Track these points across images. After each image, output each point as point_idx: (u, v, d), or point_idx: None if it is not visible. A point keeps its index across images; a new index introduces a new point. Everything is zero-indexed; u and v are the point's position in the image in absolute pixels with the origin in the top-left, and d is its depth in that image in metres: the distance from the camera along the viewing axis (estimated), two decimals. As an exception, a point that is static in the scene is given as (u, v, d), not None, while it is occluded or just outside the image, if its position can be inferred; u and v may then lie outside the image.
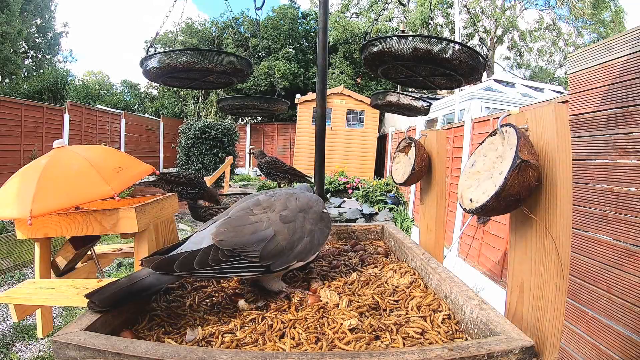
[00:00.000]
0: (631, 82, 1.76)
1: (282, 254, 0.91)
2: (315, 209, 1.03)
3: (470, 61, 1.37)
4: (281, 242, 0.91)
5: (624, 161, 1.79)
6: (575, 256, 2.01)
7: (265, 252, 0.88)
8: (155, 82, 1.77)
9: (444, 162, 1.87)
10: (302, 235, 0.95)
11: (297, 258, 0.94)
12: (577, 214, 2.02)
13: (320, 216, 1.03)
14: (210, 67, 1.60)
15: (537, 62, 18.84)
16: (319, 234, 1.00)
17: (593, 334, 1.88)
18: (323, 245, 1.05)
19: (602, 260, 1.86)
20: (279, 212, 0.95)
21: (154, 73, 1.61)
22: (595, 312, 1.87)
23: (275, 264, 0.90)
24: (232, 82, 1.91)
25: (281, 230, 0.92)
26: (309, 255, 0.97)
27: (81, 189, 1.67)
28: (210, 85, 1.98)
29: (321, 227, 1.01)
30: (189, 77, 1.78)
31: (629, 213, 1.74)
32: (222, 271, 0.84)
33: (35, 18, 17.62)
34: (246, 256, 0.86)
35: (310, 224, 0.98)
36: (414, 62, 1.44)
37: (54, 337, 0.63)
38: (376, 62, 1.53)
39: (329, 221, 1.05)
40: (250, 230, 0.90)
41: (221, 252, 0.84)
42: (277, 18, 16.74)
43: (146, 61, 1.60)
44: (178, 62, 1.54)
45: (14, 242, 4.11)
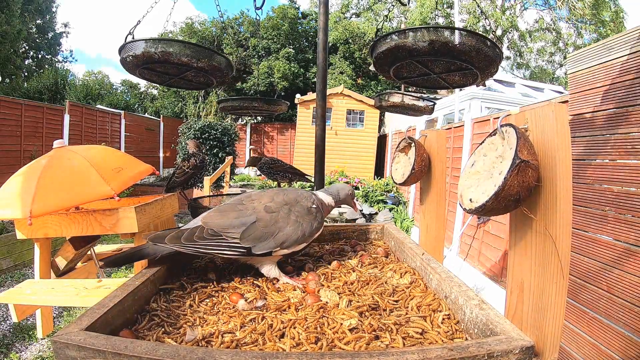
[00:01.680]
0: (631, 82, 1.76)
1: (263, 238, 0.99)
2: (303, 203, 1.09)
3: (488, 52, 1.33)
4: (261, 227, 1.00)
5: (624, 161, 1.79)
6: (575, 256, 2.01)
7: (246, 234, 0.97)
8: (133, 74, 1.72)
9: (444, 162, 1.87)
10: (284, 224, 1.03)
11: (279, 245, 1.01)
12: (577, 214, 2.02)
13: (308, 210, 1.09)
14: (187, 62, 1.56)
15: (537, 62, 18.84)
16: (306, 226, 1.06)
17: (593, 334, 1.88)
18: (311, 238, 1.09)
19: (602, 260, 1.86)
20: (264, 203, 1.05)
21: (130, 62, 1.57)
22: (595, 312, 1.87)
23: (256, 247, 0.98)
24: (211, 82, 1.85)
25: (263, 217, 1.01)
26: (295, 244, 1.04)
27: (81, 189, 1.67)
28: (190, 85, 1.92)
29: (309, 220, 1.07)
30: (166, 71, 1.73)
31: (629, 213, 1.74)
32: (205, 247, 0.96)
33: (36, 18, 17.61)
34: (227, 236, 0.97)
35: (295, 216, 1.05)
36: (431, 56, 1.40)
37: (54, 337, 0.63)
38: (388, 61, 1.49)
39: (319, 216, 1.10)
40: (234, 215, 1.01)
41: (206, 231, 0.98)
42: (277, 18, 16.73)
43: (123, 49, 1.57)
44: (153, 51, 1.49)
45: (14, 242, 4.11)
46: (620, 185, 1.79)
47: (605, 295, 1.82)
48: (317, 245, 1.37)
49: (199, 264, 1.15)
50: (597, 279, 1.88)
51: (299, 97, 11.23)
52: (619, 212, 1.79)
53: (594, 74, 1.99)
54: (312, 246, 1.36)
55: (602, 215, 1.88)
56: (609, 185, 1.86)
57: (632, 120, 1.75)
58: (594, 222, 1.94)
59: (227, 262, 1.14)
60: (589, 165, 2.00)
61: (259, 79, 15.44)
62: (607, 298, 1.81)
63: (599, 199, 1.91)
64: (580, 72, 2.09)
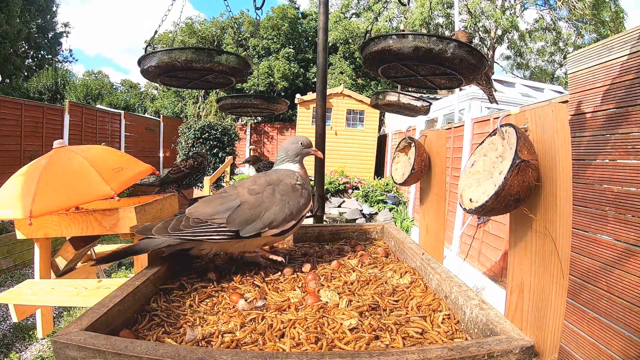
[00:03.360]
0: (631, 82, 1.76)
1: (250, 220, 1.00)
2: (286, 181, 1.10)
3: (471, 60, 1.36)
4: (247, 210, 1.00)
5: (624, 161, 1.79)
6: (575, 256, 2.01)
7: (232, 218, 0.98)
8: (154, 82, 1.75)
9: (444, 162, 1.88)
10: (270, 204, 1.03)
11: (268, 225, 1.02)
12: (577, 214, 2.02)
13: (293, 187, 1.09)
14: (209, 67, 1.60)
15: (536, 62, 18.84)
16: (293, 203, 1.07)
17: (593, 334, 1.88)
18: (300, 215, 1.09)
19: (602, 260, 1.86)
20: (247, 187, 1.05)
21: (153, 72, 1.60)
22: (595, 312, 1.87)
23: (244, 229, 0.99)
24: (230, 82, 1.90)
25: (247, 200, 1.02)
26: (284, 223, 1.05)
27: (81, 189, 1.67)
28: (209, 85, 1.97)
29: (295, 197, 1.08)
30: (187, 76, 1.77)
31: (629, 213, 1.74)
32: (192, 234, 0.97)
33: (37, 18, 17.61)
34: (213, 222, 0.98)
35: (280, 195, 1.06)
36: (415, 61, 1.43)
37: (54, 337, 0.63)
38: (376, 61, 1.53)
39: (305, 193, 1.11)
40: (219, 202, 1.02)
41: (192, 219, 0.99)
42: (277, 18, 16.72)
43: (144, 60, 1.59)
44: (177, 60, 1.53)
45: (14, 242, 4.11)
46: (620, 185, 1.79)
47: (605, 295, 1.82)
48: (317, 245, 1.37)
49: (199, 264, 1.15)
50: (597, 279, 1.88)
51: (299, 97, 11.22)
52: (619, 212, 1.79)
53: (594, 74, 1.99)
54: (312, 246, 1.36)
55: (602, 215, 1.88)
56: (609, 185, 1.86)
57: (632, 120, 1.75)
58: (594, 222, 1.94)
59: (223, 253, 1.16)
60: (589, 165, 2.00)
61: (259, 79, 15.44)
62: (607, 298, 1.81)
63: (599, 199, 1.91)
64: (580, 72, 2.09)
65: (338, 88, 10.99)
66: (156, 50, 1.59)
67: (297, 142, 1.21)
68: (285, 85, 16.12)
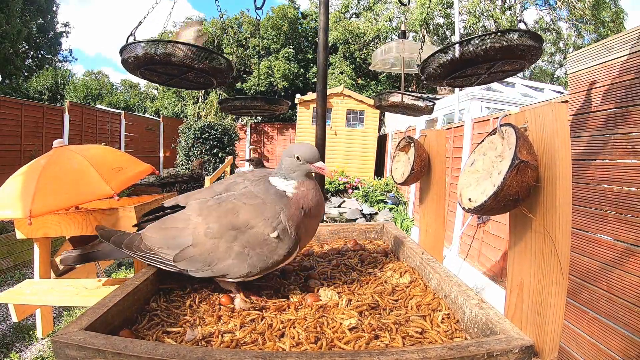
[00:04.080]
0: (631, 82, 1.76)
1: (199, 264, 0.87)
2: (257, 230, 0.86)
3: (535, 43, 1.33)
4: (196, 254, 0.87)
5: (624, 161, 1.79)
6: (575, 256, 2.01)
7: (180, 257, 0.88)
8: (134, 74, 1.72)
9: (444, 161, 1.88)
10: (225, 256, 0.86)
11: (219, 274, 0.88)
12: (577, 214, 2.02)
13: (263, 241, 0.86)
14: (188, 64, 1.56)
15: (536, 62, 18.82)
16: (256, 261, 0.86)
17: (593, 334, 1.88)
18: (268, 271, 0.90)
19: (602, 260, 1.86)
20: (208, 223, 0.88)
21: (132, 63, 1.57)
22: (595, 312, 1.87)
23: (193, 271, 0.88)
24: (211, 83, 1.85)
25: (200, 242, 0.87)
26: (239, 277, 0.88)
27: (81, 188, 1.67)
28: (190, 85, 1.93)
29: (262, 253, 0.86)
30: (167, 72, 1.73)
31: (629, 213, 1.74)
32: (143, 258, 0.91)
33: (37, 18, 17.61)
34: (161, 255, 0.90)
35: (242, 247, 0.86)
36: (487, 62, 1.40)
37: (54, 337, 0.63)
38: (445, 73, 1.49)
39: (281, 247, 0.87)
40: (172, 235, 0.90)
41: (143, 244, 0.91)
42: (277, 18, 16.72)
43: (124, 50, 1.57)
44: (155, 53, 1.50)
45: (14, 242, 4.11)
46: (620, 185, 1.79)
47: (605, 295, 1.82)
48: (317, 245, 1.37)
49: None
50: (597, 279, 1.87)
51: (299, 97, 11.22)
52: (619, 212, 1.79)
53: (594, 74, 1.99)
54: (311, 246, 1.36)
55: (602, 215, 1.88)
56: (609, 185, 1.86)
57: (632, 120, 1.75)
58: (594, 222, 1.94)
59: None
60: (589, 165, 2.00)
61: (259, 79, 15.45)
62: (607, 298, 1.80)
63: (599, 199, 1.91)
64: (580, 72, 2.09)
65: (338, 88, 10.99)
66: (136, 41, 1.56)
67: (292, 156, 0.92)
68: (285, 85, 16.11)
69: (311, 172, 0.93)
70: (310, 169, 0.92)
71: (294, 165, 0.92)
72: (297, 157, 0.91)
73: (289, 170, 0.92)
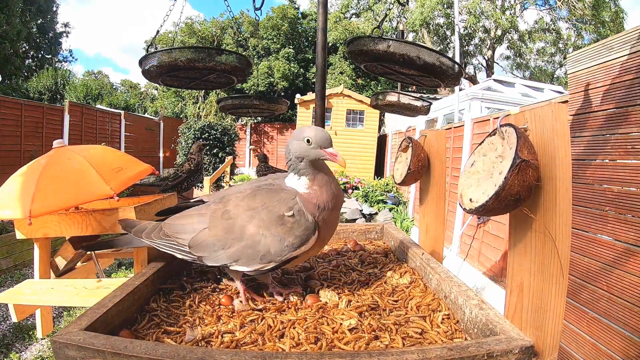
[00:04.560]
0: (631, 82, 1.76)
1: (210, 249, 0.85)
2: (272, 209, 0.83)
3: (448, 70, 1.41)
4: (209, 237, 0.86)
5: (624, 161, 1.79)
6: (575, 256, 2.01)
7: (194, 241, 0.87)
8: (155, 82, 1.75)
9: (444, 162, 1.87)
10: (239, 236, 0.83)
11: (232, 259, 0.84)
12: (577, 214, 2.02)
13: (279, 219, 0.82)
14: (211, 66, 1.60)
15: (536, 62, 18.85)
16: (271, 242, 0.81)
17: (593, 334, 1.88)
18: (283, 258, 0.83)
19: (602, 260, 1.86)
20: (225, 207, 0.87)
21: (154, 72, 1.60)
22: (595, 312, 1.87)
23: (207, 258, 0.86)
24: (232, 81, 1.90)
25: (215, 225, 0.86)
26: (253, 262, 0.83)
27: (81, 188, 1.67)
28: (211, 85, 1.97)
29: (278, 233, 0.81)
30: (188, 76, 1.77)
31: (629, 213, 1.73)
32: (161, 246, 0.92)
33: (37, 18, 17.61)
34: (177, 240, 0.89)
35: (256, 226, 0.82)
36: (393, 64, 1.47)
37: (53, 337, 0.63)
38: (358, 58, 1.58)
39: (297, 229, 0.82)
40: (191, 221, 0.90)
41: (163, 231, 0.92)
42: (276, 18, 16.73)
43: (146, 60, 1.59)
44: (178, 60, 1.53)
45: (14, 242, 4.11)
46: (620, 185, 1.79)
47: (605, 295, 1.82)
48: (317, 245, 1.37)
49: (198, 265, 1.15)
50: (597, 279, 1.87)
51: (299, 97, 11.23)
52: (619, 212, 1.79)
53: (594, 74, 1.99)
54: (311, 246, 1.36)
55: (602, 215, 1.88)
56: (609, 185, 1.86)
57: (632, 120, 1.75)
58: (594, 222, 1.94)
59: None
60: (589, 165, 1.99)
61: (258, 79, 15.45)
62: (607, 298, 1.80)
63: (599, 199, 1.91)
64: (580, 72, 2.09)
65: (338, 88, 10.99)
66: (157, 49, 1.59)
67: (302, 138, 0.84)
68: (285, 85, 16.12)
69: (322, 158, 0.84)
70: (321, 155, 0.84)
71: (302, 150, 0.84)
72: (308, 140, 0.83)
73: (297, 160, 0.85)
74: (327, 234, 0.91)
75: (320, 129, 0.85)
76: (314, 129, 0.84)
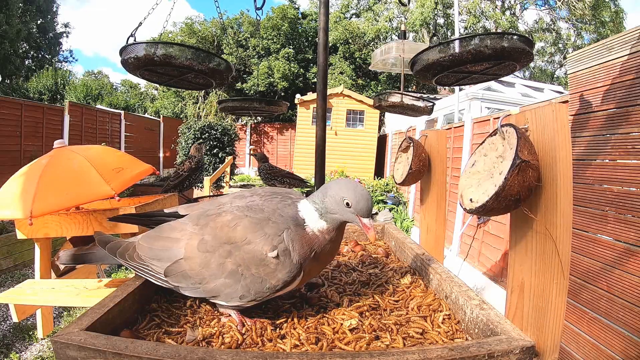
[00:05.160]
0: (631, 82, 1.76)
1: (187, 280, 0.79)
2: (255, 247, 0.75)
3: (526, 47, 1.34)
4: (187, 269, 0.79)
5: (624, 161, 1.79)
6: (575, 256, 2.01)
7: (170, 271, 0.80)
8: (134, 74, 1.73)
9: (444, 162, 1.87)
10: (215, 273, 0.77)
11: (209, 295, 0.79)
12: (577, 214, 2.02)
13: (261, 260, 0.74)
14: (188, 65, 1.57)
15: (536, 62, 18.85)
16: (251, 283, 0.75)
17: (593, 334, 1.88)
18: (264, 297, 0.77)
19: (602, 260, 1.86)
20: (203, 235, 0.79)
21: (132, 64, 1.58)
22: (595, 312, 1.87)
23: (184, 289, 0.80)
24: (210, 83, 1.86)
25: (192, 256, 0.79)
26: (232, 300, 0.77)
27: (81, 189, 1.67)
28: (189, 85, 1.93)
29: (258, 275, 0.75)
30: (166, 72, 1.74)
31: (629, 213, 1.74)
32: (136, 269, 0.84)
33: (37, 18, 17.62)
34: (152, 267, 0.83)
35: (235, 265, 0.76)
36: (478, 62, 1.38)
37: (54, 337, 0.63)
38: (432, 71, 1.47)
39: (281, 271, 0.74)
40: (165, 245, 0.82)
41: (136, 253, 0.85)
42: (277, 18, 16.73)
43: (124, 51, 1.57)
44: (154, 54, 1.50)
45: (14, 242, 4.11)
46: (620, 185, 1.79)
47: (605, 295, 1.82)
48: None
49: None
50: (597, 279, 1.87)
51: (299, 97, 11.23)
52: (619, 212, 1.79)
53: (594, 74, 1.99)
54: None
55: (602, 215, 1.88)
56: (609, 185, 1.86)
57: (632, 120, 1.75)
58: (594, 222, 1.94)
59: None
60: (589, 165, 2.00)
61: (258, 79, 15.46)
62: (607, 298, 1.80)
63: (599, 199, 1.91)
64: (580, 72, 2.09)
65: (338, 88, 10.99)
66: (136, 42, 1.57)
67: (341, 199, 0.77)
68: (285, 85, 16.12)
69: (354, 224, 0.79)
70: (355, 222, 0.78)
71: (339, 210, 0.77)
72: (348, 204, 0.77)
73: (326, 210, 0.78)
74: (306, 279, 0.84)
75: (364, 195, 0.77)
76: (357, 194, 0.77)
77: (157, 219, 0.95)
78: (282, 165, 9.66)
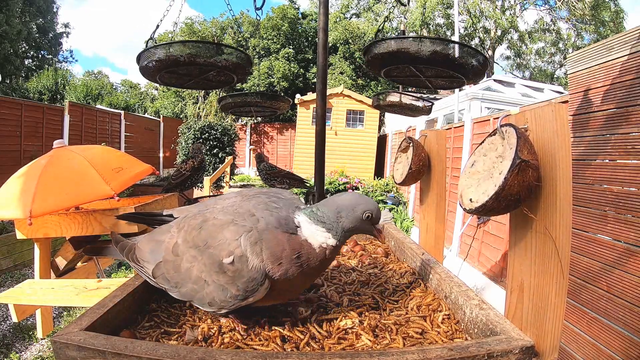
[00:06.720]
0: (631, 82, 1.76)
1: (167, 284, 0.78)
2: (213, 252, 0.71)
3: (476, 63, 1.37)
4: (164, 272, 0.78)
5: (624, 161, 1.79)
6: (575, 256, 2.01)
7: (156, 272, 0.80)
8: (152, 80, 1.71)
9: (444, 162, 1.88)
10: (185, 278, 0.75)
11: (185, 299, 0.77)
12: (577, 214, 2.02)
13: (219, 267, 0.70)
14: (212, 62, 1.57)
15: (536, 62, 18.87)
16: (214, 290, 0.71)
17: (593, 334, 1.88)
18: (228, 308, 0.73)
19: (602, 260, 1.86)
20: (178, 237, 0.78)
21: (153, 67, 1.56)
22: (595, 312, 1.87)
23: (168, 289, 0.79)
24: (231, 79, 1.87)
25: (166, 260, 0.79)
26: (205, 306, 0.75)
27: (81, 189, 1.67)
28: (209, 85, 1.94)
29: (219, 282, 0.71)
30: (188, 73, 1.74)
31: (629, 213, 1.73)
32: (135, 268, 0.85)
33: (37, 18, 17.62)
34: (145, 268, 0.83)
35: (198, 271, 0.73)
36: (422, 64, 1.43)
37: (53, 337, 0.63)
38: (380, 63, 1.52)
39: (238, 279, 0.69)
40: (154, 247, 0.83)
41: (135, 255, 0.86)
42: (277, 18, 16.73)
43: (145, 54, 1.55)
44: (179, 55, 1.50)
45: (14, 242, 4.11)
46: (620, 185, 1.79)
47: (605, 295, 1.82)
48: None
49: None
50: (597, 279, 1.87)
51: (299, 97, 11.22)
52: (619, 212, 1.79)
53: (594, 74, 1.99)
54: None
55: (602, 215, 1.88)
56: (609, 185, 1.86)
57: (632, 120, 1.75)
58: (594, 222, 1.94)
59: None
60: (589, 165, 2.00)
61: (259, 79, 15.45)
62: (607, 298, 1.80)
63: (599, 199, 1.91)
64: (580, 72, 2.09)
65: (338, 88, 10.98)
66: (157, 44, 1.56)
67: (362, 213, 0.75)
68: (285, 85, 16.12)
69: (368, 234, 0.79)
70: (371, 232, 0.78)
71: (360, 225, 0.75)
72: (369, 216, 0.75)
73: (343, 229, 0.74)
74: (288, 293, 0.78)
75: (376, 205, 0.77)
76: (374, 205, 0.77)
77: (160, 219, 0.96)
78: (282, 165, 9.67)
